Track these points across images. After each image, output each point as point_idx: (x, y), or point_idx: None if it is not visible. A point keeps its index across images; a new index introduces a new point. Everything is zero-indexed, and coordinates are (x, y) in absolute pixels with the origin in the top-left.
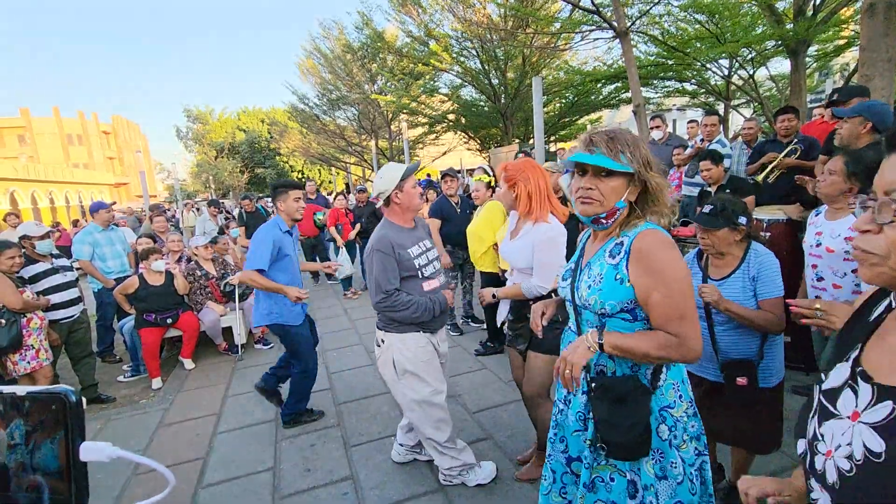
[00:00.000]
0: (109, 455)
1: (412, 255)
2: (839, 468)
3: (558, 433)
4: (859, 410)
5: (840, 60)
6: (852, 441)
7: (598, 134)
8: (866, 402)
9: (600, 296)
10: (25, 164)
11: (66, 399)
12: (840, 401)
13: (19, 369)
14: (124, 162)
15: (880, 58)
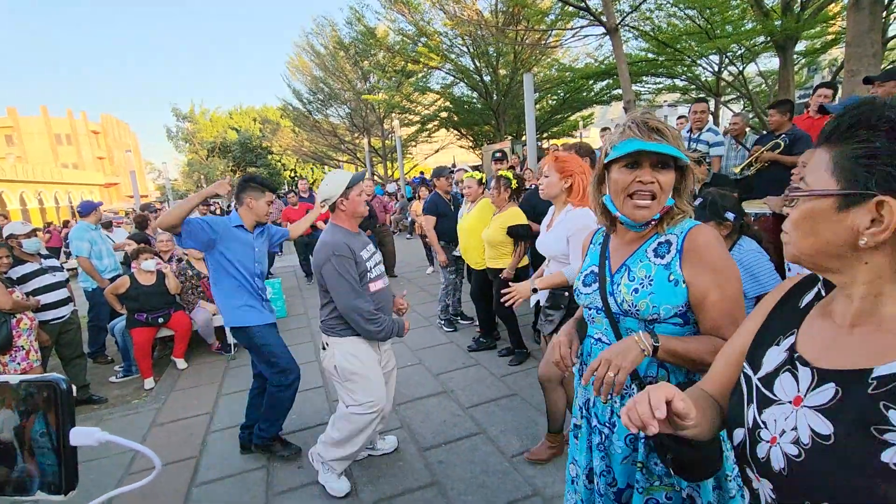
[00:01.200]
0: (98, 439)
1: (363, 258)
2: (787, 454)
3: (608, 463)
4: (802, 395)
5: (828, 56)
6: (797, 426)
7: (654, 119)
8: (807, 385)
9: (652, 300)
10: (13, 165)
11: (57, 387)
12: (777, 386)
13: (9, 370)
14: (114, 161)
15: (865, 53)
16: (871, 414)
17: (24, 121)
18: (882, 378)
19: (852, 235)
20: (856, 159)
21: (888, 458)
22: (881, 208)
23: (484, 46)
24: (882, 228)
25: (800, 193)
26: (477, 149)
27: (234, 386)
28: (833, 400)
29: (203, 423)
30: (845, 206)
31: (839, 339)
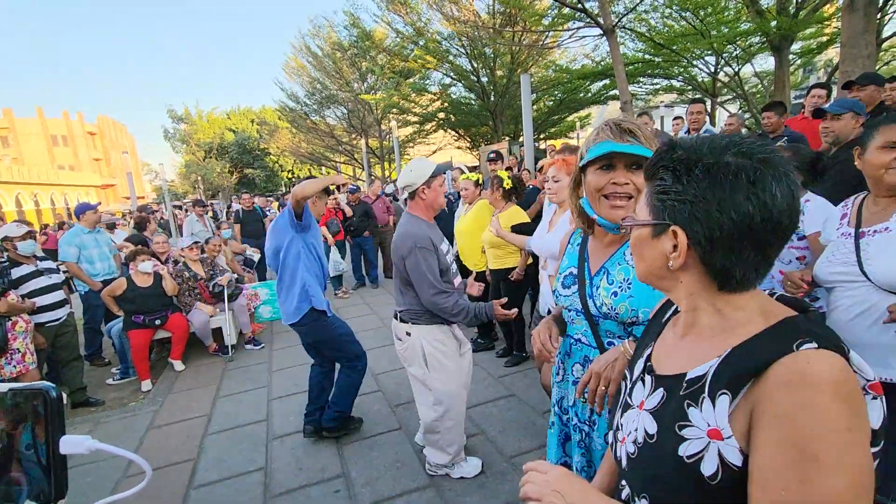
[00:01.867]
0: (89, 448)
1: (444, 252)
2: (627, 452)
3: (588, 458)
4: (644, 399)
5: (823, 57)
6: (637, 427)
7: (627, 121)
8: (648, 391)
9: (631, 303)
10: (9, 166)
11: (47, 395)
12: (634, 393)
13: (5, 373)
14: (111, 163)
15: (860, 54)
16: (678, 413)
17: (19, 122)
18: (690, 380)
19: (665, 259)
20: (656, 195)
21: (683, 451)
22: (676, 236)
23: (481, 47)
24: (678, 253)
25: (627, 223)
26: (474, 150)
27: (232, 388)
28: (660, 402)
29: (201, 426)
30: (656, 234)
31: (674, 348)
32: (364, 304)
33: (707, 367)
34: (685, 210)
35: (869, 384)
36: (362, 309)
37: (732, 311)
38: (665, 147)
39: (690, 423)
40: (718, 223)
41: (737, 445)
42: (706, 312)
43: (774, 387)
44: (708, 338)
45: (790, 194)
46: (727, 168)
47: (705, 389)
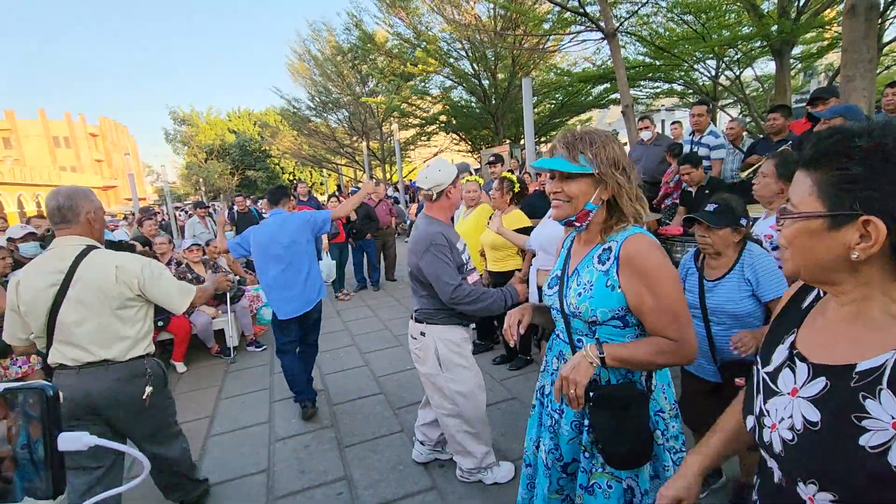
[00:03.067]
0: (86, 443)
1: (460, 250)
2: (783, 438)
3: (554, 441)
4: (797, 387)
5: (824, 61)
6: (793, 414)
7: (562, 137)
8: (803, 379)
9: (591, 303)
10: (11, 167)
11: (44, 393)
12: (780, 379)
13: (10, 374)
14: (112, 164)
15: (861, 59)
16: (852, 404)
17: (22, 123)
18: (862, 372)
19: (844, 251)
20: (839, 184)
21: (864, 442)
22: (867, 226)
23: (482, 51)
24: (871, 243)
25: (792, 216)
26: (475, 152)
27: (234, 389)
28: (822, 391)
29: (203, 427)
30: (835, 225)
31: (832, 337)
32: (365, 307)
33: (882, 359)
34: (883, 200)
35: None
36: (364, 311)
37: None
38: (837, 136)
39: (869, 414)
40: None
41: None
42: (879, 302)
43: None
44: (879, 329)
45: None
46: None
47: (883, 381)
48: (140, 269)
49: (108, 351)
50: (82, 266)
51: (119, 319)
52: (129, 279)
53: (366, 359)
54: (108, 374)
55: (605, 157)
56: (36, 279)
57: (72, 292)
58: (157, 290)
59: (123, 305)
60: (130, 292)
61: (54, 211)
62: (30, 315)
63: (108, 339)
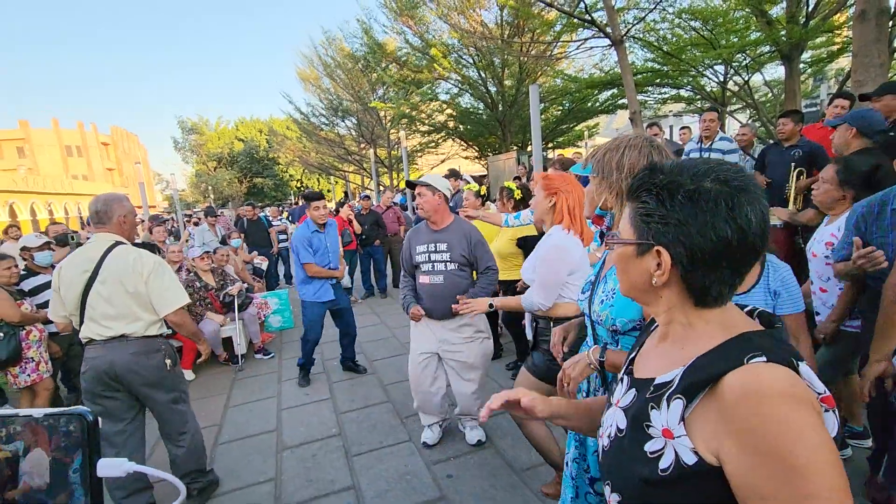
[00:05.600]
0: (126, 470)
1: (416, 252)
2: (602, 446)
3: (581, 451)
4: (619, 398)
5: (834, 66)
6: (613, 423)
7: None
8: (623, 391)
9: (612, 312)
10: (24, 176)
11: (84, 419)
12: (615, 393)
13: (20, 382)
14: (123, 173)
15: (872, 63)
16: (643, 413)
17: (35, 133)
18: (657, 385)
19: (648, 276)
20: (640, 216)
21: (648, 448)
22: (660, 255)
23: (489, 58)
24: (661, 272)
25: (612, 241)
26: (482, 159)
27: (242, 397)
28: (631, 402)
29: (211, 435)
30: (640, 252)
31: (651, 356)
32: (373, 314)
33: (673, 375)
34: (669, 232)
35: (821, 397)
36: (371, 318)
37: (702, 325)
38: (647, 171)
39: (651, 423)
40: (700, 245)
41: (690, 446)
42: (679, 325)
43: (733, 401)
44: (678, 348)
45: (762, 218)
46: (707, 194)
47: (666, 394)
48: (153, 263)
49: (128, 327)
50: (109, 258)
51: (136, 302)
52: (142, 269)
53: (373, 367)
54: (127, 347)
55: (610, 161)
56: (72, 267)
57: (99, 278)
58: (156, 283)
59: (136, 291)
60: (140, 280)
61: (93, 213)
62: (67, 295)
63: (127, 317)
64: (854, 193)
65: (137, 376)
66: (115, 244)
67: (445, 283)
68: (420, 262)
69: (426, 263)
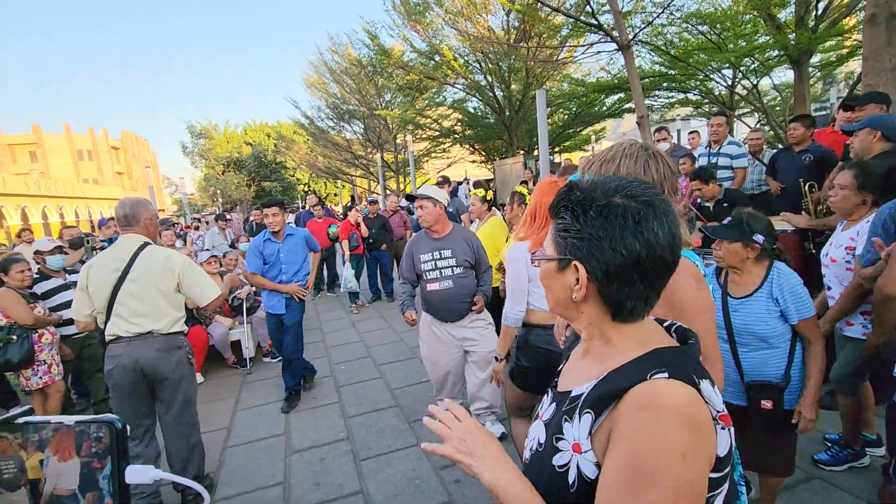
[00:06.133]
0: (153, 477)
1: (421, 260)
2: (525, 459)
3: None
4: (543, 411)
5: (844, 69)
6: (536, 437)
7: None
8: (547, 404)
9: None
10: (37, 180)
11: (114, 427)
12: (542, 405)
13: (31, 384)
14: (133, 177)
15: (883, 67)
16: (557, 426)
17: (47, 137)
18: (572, 398)
19: (569, 291)
20: (559, 232)
21: (556, 461)
22: (577, 270)
23: (496, 62)
24: (579, 287)
25: (536, 258)
26: (489, 163)
27: (251, 401)
28: (551, 416)
29: (220, 439)
30: (561, 268)
31: (572, 369)
32: (380, 318)
33: (585, 388)
34: (583, 247)
35: (719, 415)
36: (378, 323)
37: (619, 340)
38: (566, 188)
39: (563, 436)
40: (612, 259)
41: (594, 460)
42: (598, 340)
43: (625, 411)
44: (596, 362)
45: (671, 233)
46: (616, 209)
47: (577, 407)
48: (182, 261)
49: (155, 324)
50: (140, 258)
51: (165, 300)
52: (173, 267)
53: (380, 371)
54: (153, 343)
55: (607, 173)
56: (103, 266)
57: (130, 276)
58: (189, 279)
59: (168, 289)
60: (173, 279)
61: (121, 217)
62: (96, 294)
63: (155, 315)
64: (873, 197)
65: (161, 372)
66: (144, 244)
67: (455, 286)
68: (426, 269)
69: (433, 271)
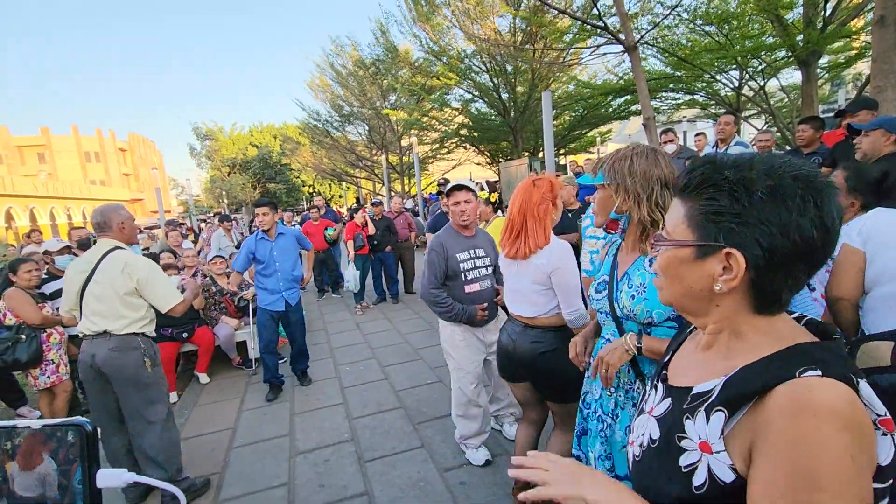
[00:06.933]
0: (126, 480)
1: (458, 260)
2: (633, 455)
3: (607, 449)
4: (654, 406)
5: (852, 71)
6: (645, 432)
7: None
8: (658, 399)
9: (646, 305)
10: (45, 182)
11: (83, 429)
12: (647, 399)
13: (39, 384)
14: (139, 178)
15: (892, 69)
16: (678, 424)
17: (55, 139)
18: (695, 395)
19: (709, 281)
20: (705, 215)
21: (682, 461)
22: (729, 258)
23: (502, 64)
24: (732, 276)
25: (664, 243)
26: (494, 165)
27: (256, 401)
28: (665, 411)
29: (226, 439)
30: (702, 255)
31: (689, 363)
32: (385, 320)
33: (713, 385)
34: (745, 233)
35: (879, 419)
36: (383, 324)
37: (752, 334)
38: (707, 165)
39: (686, 435)
40: (781, 246)
41: (728, 462)
42: (728, 334)
43: (776, 414)
44: (722, 357)
45: (840, 218)
46: (792, 191)
47: (704, 405)
48: (146, 267)
49: (111, 324)
50: (105, 261)
51: (122, 303)
52: (132, 272)
53: (385, 372)
54: (108, 343)
55: (622, 168)
56: (75, 267)
57: (94, 278)
58: (150, 286)
59: (124, 292)
60: (130, 283)
61: (95, 224)
62: (67, 293)
63: (111, 315)
64: (863, 201)
65: (114, 371)
66: (113, 249)
67: (490, 287)
68: (466, 269)
69: (472, 271)
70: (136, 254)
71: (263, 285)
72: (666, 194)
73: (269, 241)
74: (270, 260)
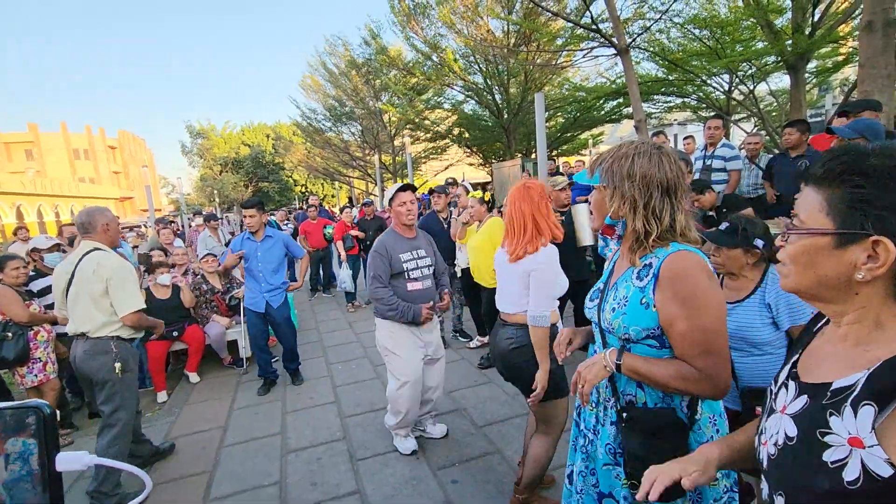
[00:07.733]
0: (87, 463)
1: (401, 260)
2: (768, 454)
3: (588, 465)
4: (787, 404)
5: (839, 76)
6: (779, 430)
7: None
8: (791, 397)
9: (624, 320)
10: (32, 179)
11: (41, 412)
12: (778, 398)
13: (26, 382)
14: (129, 176)
15: (879, 74)
16: (820, 420)
17: (44, 136)
18: (835, 390)
19: (849, 270)
20: (850, 203)
21: (827, 457)
22: (877, 247)
23: (495, 65)
24: (879, 264)
25: (800, 232)
26: (486, 165)
27: (247, 400)
28: (802, 408)
29: (216, 438)
30: (843, 244)
31: (823, 358)
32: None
33: (854, 379)
34: (895, 220)
35: None
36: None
37: (895, 324)
38: (849, 154)
39: (831, 430)
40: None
41: (884, 456)
42: (867, 325)
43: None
44: (861, 350)
45: None
46: None
47: (848, 399)
48: (113, 270)
49: (85, 326)
50: (82, 262)
51: (94, 304)
52: (102, 273)
53: (377, 371)
54: (83, 344)
55: (620, 170)
56: (59, 269)
57: (74, 280)
58: (115, 291)
59: (95, 294)
60: (100, 285)
61: (80, 225)
62: (56, 293)
63: (86, 317)
64: None
65: (85, 372)
66: (92, 250)
67: (431, 286)
68: (409, 268)
69: (415, 270)
70: (111, 255)
71: (248, 283)
72: (665, 202)
73: (255, 241)
74: (254, 261)
